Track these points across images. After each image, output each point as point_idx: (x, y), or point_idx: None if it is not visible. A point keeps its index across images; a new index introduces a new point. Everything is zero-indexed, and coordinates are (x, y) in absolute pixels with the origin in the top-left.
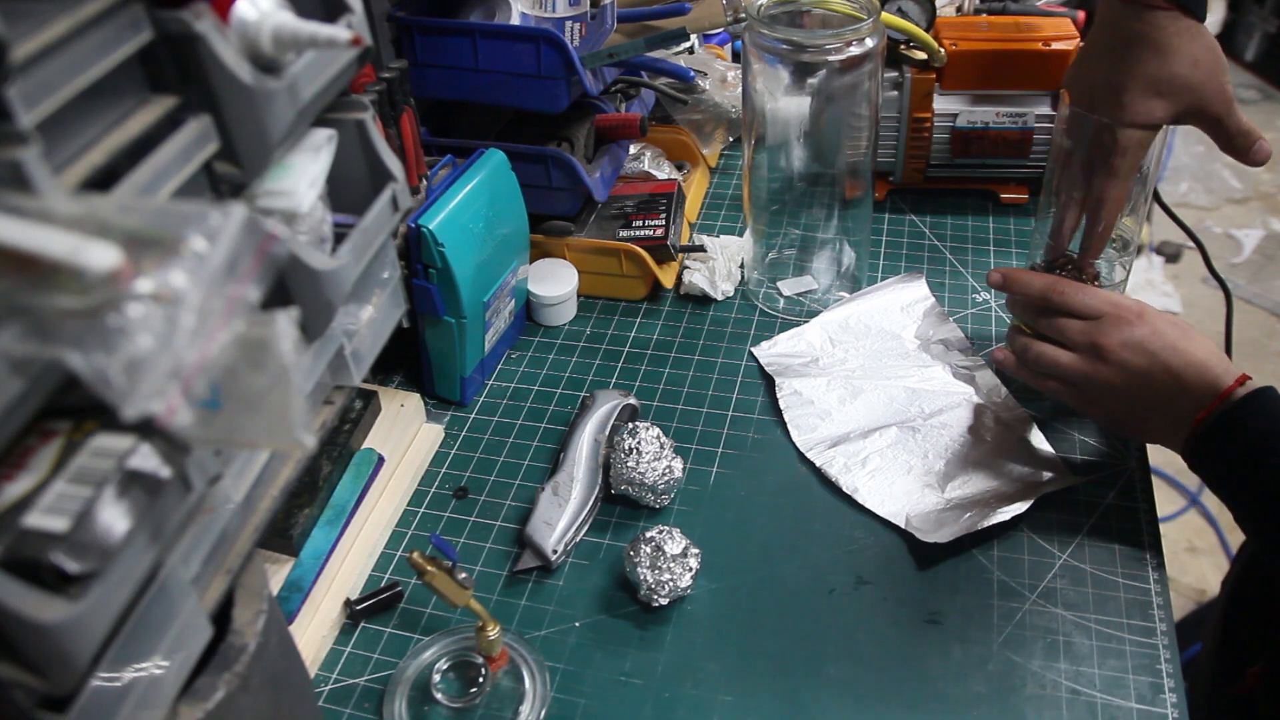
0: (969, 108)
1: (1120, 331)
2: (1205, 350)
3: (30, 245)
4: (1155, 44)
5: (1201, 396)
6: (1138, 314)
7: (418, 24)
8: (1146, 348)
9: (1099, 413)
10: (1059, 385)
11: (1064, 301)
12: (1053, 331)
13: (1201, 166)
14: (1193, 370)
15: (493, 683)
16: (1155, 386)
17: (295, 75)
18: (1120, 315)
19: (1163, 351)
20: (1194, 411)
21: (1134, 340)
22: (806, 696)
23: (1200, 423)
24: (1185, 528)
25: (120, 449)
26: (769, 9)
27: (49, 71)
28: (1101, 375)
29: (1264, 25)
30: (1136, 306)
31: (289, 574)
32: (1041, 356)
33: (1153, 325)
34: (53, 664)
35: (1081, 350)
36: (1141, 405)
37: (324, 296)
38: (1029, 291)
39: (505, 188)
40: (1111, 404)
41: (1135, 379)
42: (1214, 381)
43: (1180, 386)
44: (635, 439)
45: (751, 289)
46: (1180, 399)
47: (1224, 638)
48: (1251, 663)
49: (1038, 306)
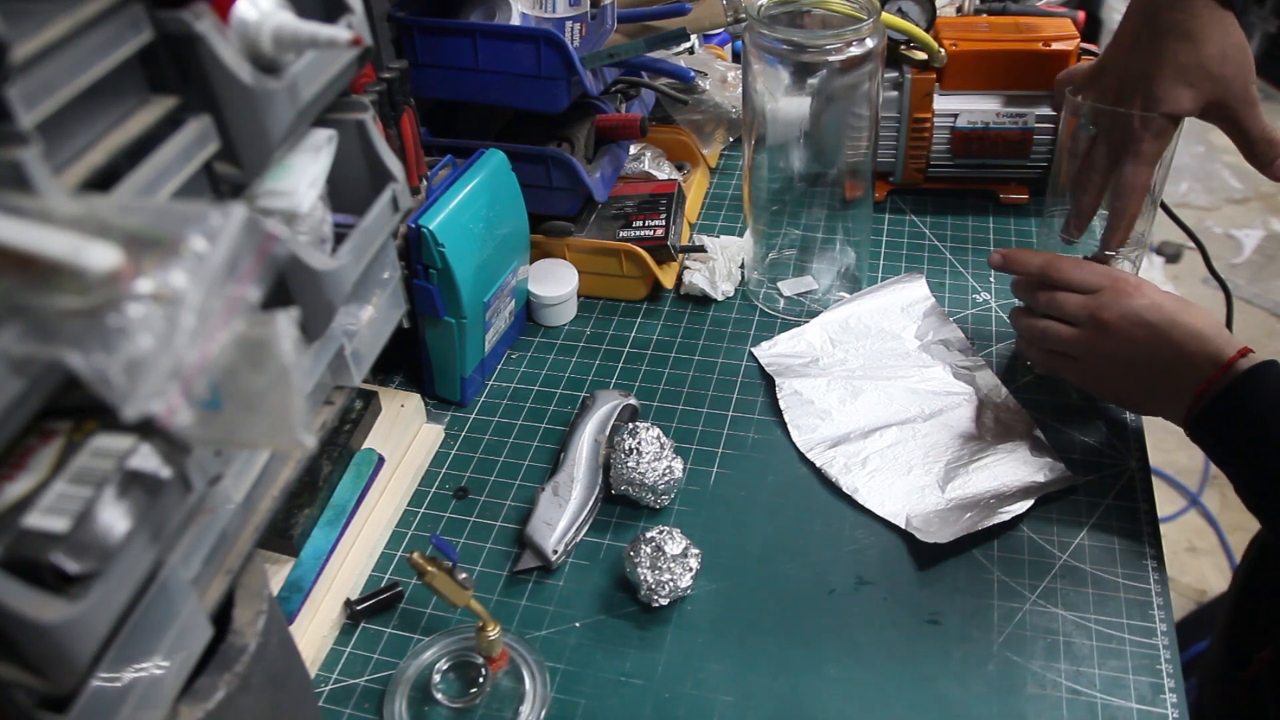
0: (969, 108)
1: (1120, 303)
2: (1205, 322)
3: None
4: (1189, 32)
5: (1203, 367)
6: (1136, 286)
7: (418, 24)
8: (1146, 319)
9: (1102, 386)
10: (1062, 360)
11: (1063, 277)
12: (1053, 307)
13: (1201, 166)
14: (1194, 341)
15: (493, 683)
16: (1156, 357)
17: (295, 75)
18: (1119, 288)
19: (1163, 323)
20: (1195, 383)
21: (1133, 312)
22: (806, 696)
23: (1202, 394)
24: (1185, 528)
25: (120, 449)
26: (769, 9)
27: (49, 72)
28: (1102, 348)
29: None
30: (1135, 280)
31: (289, 574)
32: (1045, 332)
33: (1152, 298)
34: (53, 664)
35: (1082, 324)
36: (1143, 377)
37: (324, 296)
38: (1028, 269)
39: (505, 188)
40: (1113, 377)
41: (1137, 350)
42: (1215, 352)
43: (1181, 357)
44: (635, 439)
45: (751, 289)
46: (1181, 370)
47: (1233, 624)
48: (1259, 648)
49: (1037, 283)
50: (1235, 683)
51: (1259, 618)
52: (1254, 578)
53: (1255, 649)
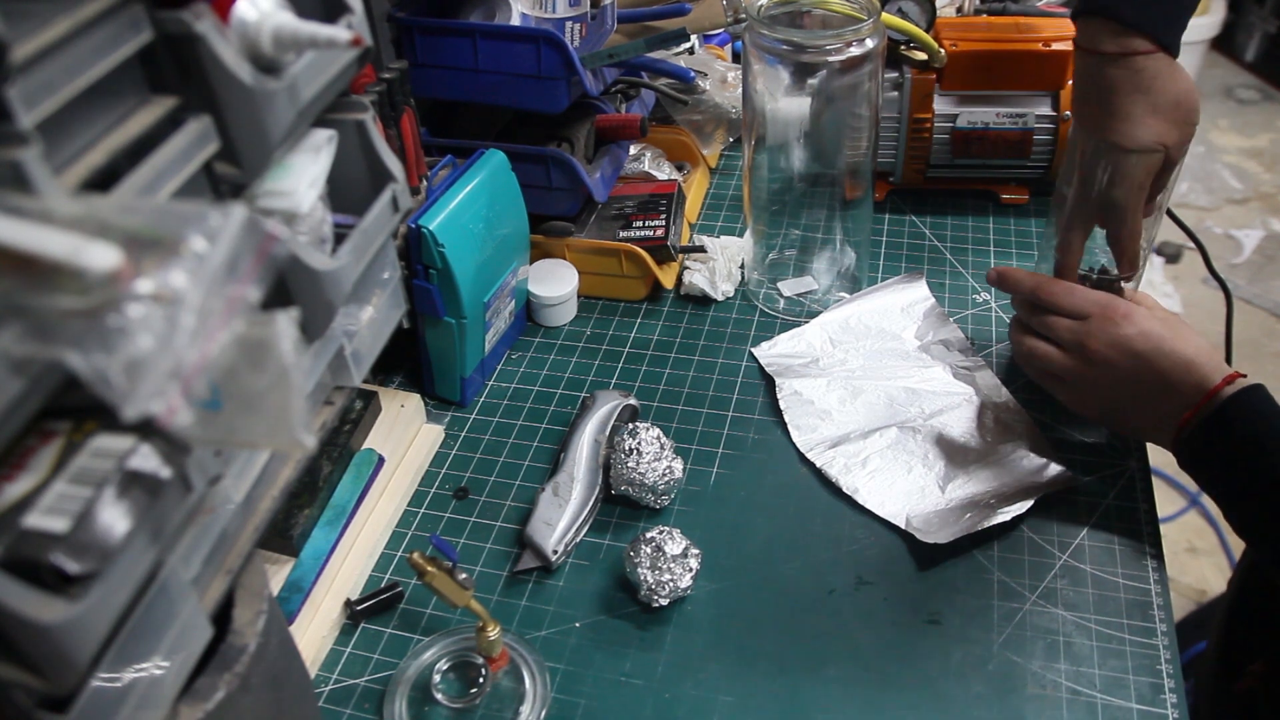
0: (969, 108)
1: (1106, 333)
2: (1194, 348)
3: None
4: (1137, 86)
5: (1189, 395)
6: (1125, 315)
7: (418, 24)
8: (1133, 349)
9: (1090, 410)
10: (1052, 381)
11: (1053, 301)
12: (1044, 329)
13: (1201, 166)
14: (1180, 370)
15: (493, 683)
16: (1143, 387)
17: (295, 76)
18: (1108, 315)
19: (1150, 352)
20: (1181, 411)
21: (1121, 341)
22: (806, 696)
23: (1187, 422)
24: (1185, 528)
25: (120, 449)
26: (769, 9)
27: (49, 72)
28: (1089, 375)
29: (1264, 25)
30: (1124, 307)
31: (289, 574)
32: (1034, 352)
33: (1140, 325)
34: (53, 664)
35: (1071, 350)
36: (1130, 405)
37: (324, 297)
38: (1020, 290)
39: (505, 188)
40: (1101, 403)
41: (1122, 380)
42: (1201, 380)
43: (1167, 386)
44: (635, 439)
45: (752, 289)
46: (1168, 398)
47: (1227, 635)
48: (1253, 660)
49: (1030, 304)
50: (1229, 695)
51: (1252, 630)
52: (1247, 588)
53: (1248, 661)
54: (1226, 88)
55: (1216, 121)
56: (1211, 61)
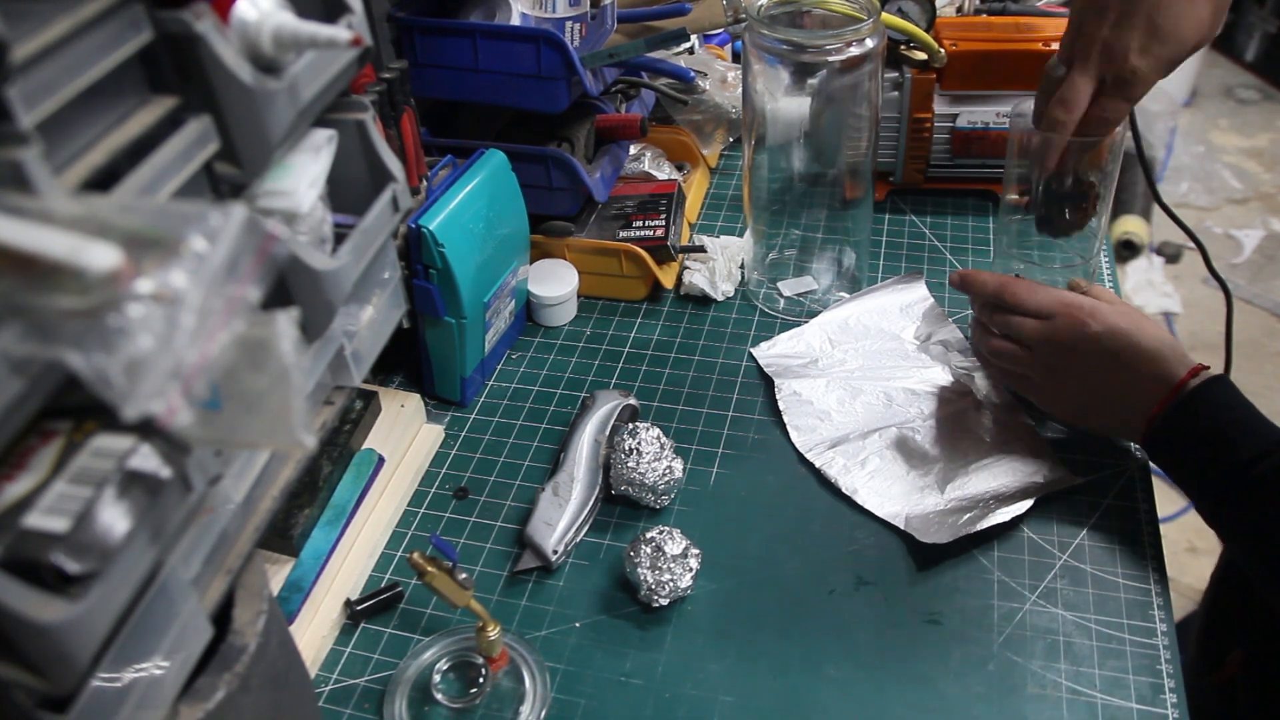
0: (969, 108)
1: (1071, 331)
2: (1159, 342)
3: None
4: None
5: (1156, 391)
6: (1090, 312)
7: (418, 24)
8: (1099, 346)
9: (1060, 408)
10: (1019, 380)
11: (1017, 301)
12: (1008, 330)
13: (1201, 166)
14: (1147, 365)
15: (493, 683)
16: (1109, 384)
17: (295, 75)
18: (1072, 314)
19: (1115, 349)
20: (1150, 405)
21: (1085, 339)
22: (806, 697)
23: (1155, 416)
24: (1185, 528)
25: (120, 449)
26: (769, 9)
27: (49, 72)
28: (1055, 374)
29: (1264, 25)
30: (1089, 305)
31: (289, 574)
32: (999, 351)
33: (1105, 322)
34: (53, 664)
35: (1037, 348)
36: (1097, 403)
37: (324, 297)
38: (984, 291)
39: (505, 188)
40: (1070, 400)
41: (1088, 378)
42: (1168, 375)
43: (1135, 381)
44: (635, 439)
45: (751, 289)
46: (1134, 394)
47: (1207, 625)
48: (1231, 649)
49: (991, 305)
50: (1209, 688)
51: (1231, 621)
52: (1226, 580)
53: (1227, 650)
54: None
55: (1216, 121)
56: (1211, 61)
